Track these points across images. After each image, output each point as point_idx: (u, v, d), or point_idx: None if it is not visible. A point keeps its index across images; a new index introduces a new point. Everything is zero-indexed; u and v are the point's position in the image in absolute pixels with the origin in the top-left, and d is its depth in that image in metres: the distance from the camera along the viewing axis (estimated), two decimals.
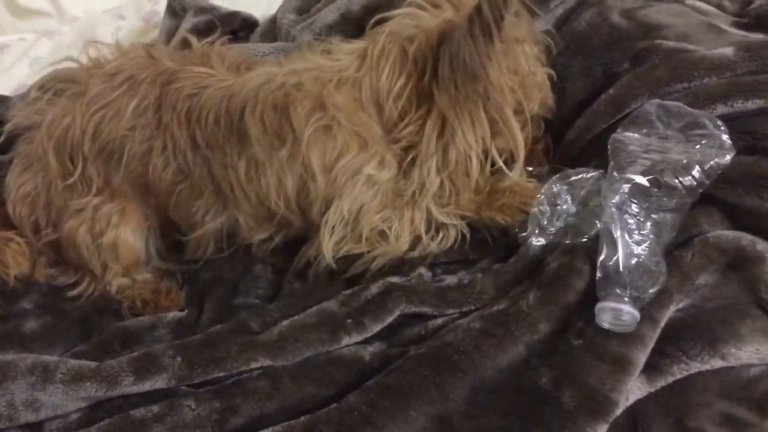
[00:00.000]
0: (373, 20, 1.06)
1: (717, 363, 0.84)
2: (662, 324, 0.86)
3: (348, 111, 1.00)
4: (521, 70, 0.99)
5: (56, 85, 1.17)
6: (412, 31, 0.99)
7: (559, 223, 1.02)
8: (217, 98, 1.04)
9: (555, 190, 1.04)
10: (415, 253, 1.06)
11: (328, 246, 1.03)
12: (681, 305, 0.88)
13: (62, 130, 1.11)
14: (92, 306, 1.15)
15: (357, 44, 1.06)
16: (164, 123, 1.06)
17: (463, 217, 1.07)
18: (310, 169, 1.00)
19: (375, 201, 1.03)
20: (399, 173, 1.03)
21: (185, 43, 1.19)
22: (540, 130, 1.13)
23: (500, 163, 1.02)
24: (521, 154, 1.03)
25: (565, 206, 1.03)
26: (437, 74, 0.95)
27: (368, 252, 1.05)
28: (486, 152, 1.01)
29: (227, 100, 1.03)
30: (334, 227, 1.03)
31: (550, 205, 1.03)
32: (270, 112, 1.00)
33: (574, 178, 1.04)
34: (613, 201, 0.91)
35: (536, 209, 1.03)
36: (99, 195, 1.13)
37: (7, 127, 1.20)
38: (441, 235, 1.06)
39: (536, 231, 1.02)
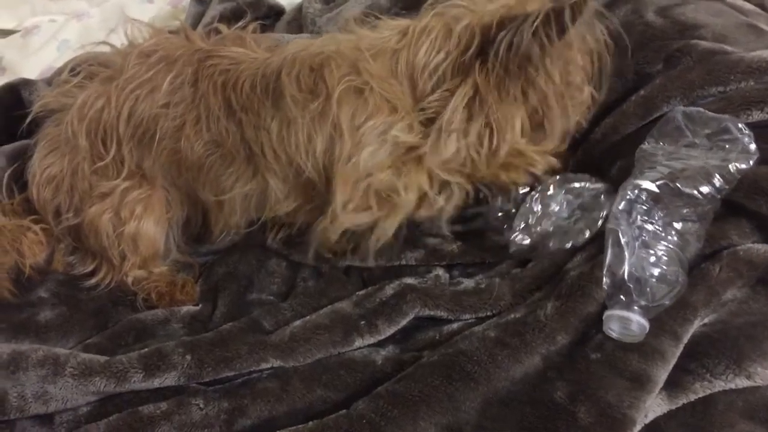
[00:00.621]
0: (428, 2, 1.05)
1: (742, 382, 0.81)
2: (685, 340, 0.83)
3: (381, 79, 0.99)
4: (572, 80, 0.99)
5: (88, 68, 1.17)
6: (460, 11, 0.98)
7: (547, 226, 1.00)
8: (254, 68, 1.05)
9: (551, 192, 1.01)
10: (423, 212, 1.04)
11: (344, 193, 1.01)
12: (707, 320, 0.85)
13: (95, 112, 1.10)
14: (107, 297, 1.15)
15: (402, 21, 1.05)
16: (200, 94, 1.07)
17: (462, 174, 1.03)
18: (339, 128, 1.00)
19: (390, 159, 1.01)
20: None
21: (215, 32, 1.18)
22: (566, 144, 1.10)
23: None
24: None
25: (557, 208, 1.00)
26: (483, 53, 0.94)
27: (377, 219, 1.03)
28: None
29: (264, 68, 1.05)
30: (346, 179, 1.02)
31: (543, 206, 1.01)
32: (306, 72, 1.01)
33: (574, 185, 1.02)
34: (620, 207, 0.89)
35: (528, 206, 1.01)
36: (129, 179, 1.12)
37: (36, 107, 1.19)
38: (445, 193, 1.04)
39: (521, 227, 1.00)
